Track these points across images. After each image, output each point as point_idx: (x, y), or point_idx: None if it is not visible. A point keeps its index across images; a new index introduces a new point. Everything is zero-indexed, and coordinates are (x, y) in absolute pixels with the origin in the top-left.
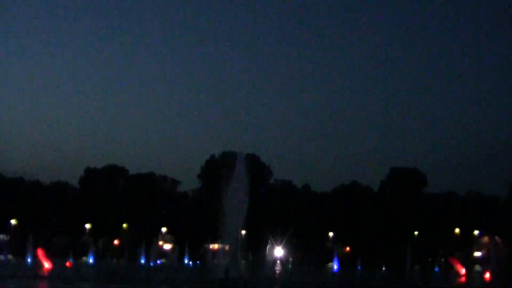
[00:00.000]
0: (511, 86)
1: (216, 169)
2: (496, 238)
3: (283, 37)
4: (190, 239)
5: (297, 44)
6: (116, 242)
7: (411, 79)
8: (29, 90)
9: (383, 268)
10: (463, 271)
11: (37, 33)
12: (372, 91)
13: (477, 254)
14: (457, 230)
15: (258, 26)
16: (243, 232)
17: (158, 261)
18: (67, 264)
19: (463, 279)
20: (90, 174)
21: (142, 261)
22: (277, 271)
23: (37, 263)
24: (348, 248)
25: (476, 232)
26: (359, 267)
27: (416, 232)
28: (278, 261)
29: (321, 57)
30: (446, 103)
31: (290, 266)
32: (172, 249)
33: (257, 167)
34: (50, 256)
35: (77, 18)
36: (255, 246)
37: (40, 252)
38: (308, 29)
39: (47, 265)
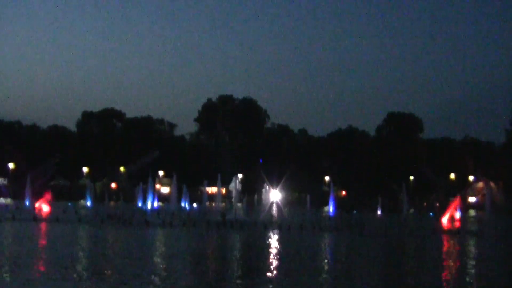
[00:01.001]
0: (507, 33)
1: (213, 113)
2: (491, 183)
3: None
4: (187, 182)
5: None
6: (113, 185)
7: (409, 24)
8: (27, 35)
9: (379, 212)
10: None
11: None
12: (370, 35)
13: (472, 199)
14: (452, 176)
15: None
16: (240, 175)
17: (156, 206)
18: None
19: None
20: (87, 117)
21: (139, 204)
22: (273, 214)
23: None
24: (344, 192)
25: (471, 177)
26: (354, 211)
27: (411, 177)
28: (274, 204)
29: (320, 2)
30: (443, 49)
31: (286, 209)
32: (169, 192)
33: (254, 111)
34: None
35: None
36: (252, 189)
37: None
38: None
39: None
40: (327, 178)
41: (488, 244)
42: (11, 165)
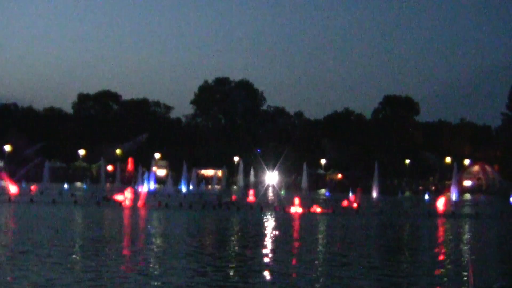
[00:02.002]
0: (502, 16)
1: (209, 95)
2: (487, 166)
3: None
4: (183, 165)
5: None
6: (110, 168)
7: (405, 7)
8: (22, 17)
9: (374, 195)
10: None
11: None
12: (366, 17)
13: (467, 183)
14: (448, 159)
15: None
16: (236, 158)
17: (153, 188)
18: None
19: None
20: (83, 99)
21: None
22: (269, 197)
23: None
24: (340, 175)
25: (466, 161)
26: (350, 193)
27: (407, 160)
28: (271, 187)
29: None
30: (440, 32)
31: (282, 191)
32: (166, 174)
33: (250, 93)
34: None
35: None
36: (248, 172)
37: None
38: None
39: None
40: (323, 161)
41: (484, 225)
42: (7, 147)
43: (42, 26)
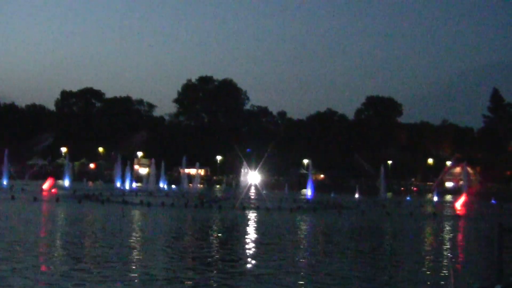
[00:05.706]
0: (485, 19)
1: (193, 94)
2: (468, 168)
3: None
4: (165, 164)
5: None
6: (92, 165)
7: (389, 10)
8: (5, 14)
9: (356, 196)
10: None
11: None
12: (350, 18)
13: (449, 184)
14: (430, 161)
15: None
16: (219, 157)
17: (135, 186)
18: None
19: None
20: (66, 97)
21: (118, 185)
22: (251, 196)
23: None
24: (322, 176)
25: (448, 162)
26: (332, 194)
27: (389, 161)
28: (253, 186)
29: None
30: (424, 34)
31: (264, 191)
32: (148, 173)
33: (233, 92)
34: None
35: None
36: (230, 171)
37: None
38: None
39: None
40: (305, 161)
41: (465, 226)
42: None
43: (26, 23)
